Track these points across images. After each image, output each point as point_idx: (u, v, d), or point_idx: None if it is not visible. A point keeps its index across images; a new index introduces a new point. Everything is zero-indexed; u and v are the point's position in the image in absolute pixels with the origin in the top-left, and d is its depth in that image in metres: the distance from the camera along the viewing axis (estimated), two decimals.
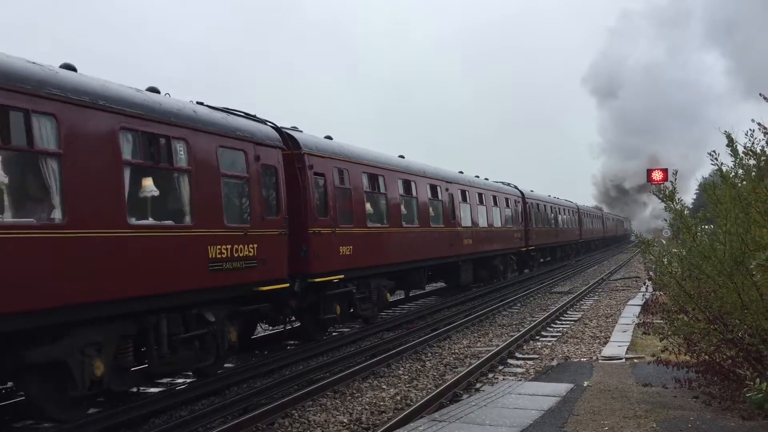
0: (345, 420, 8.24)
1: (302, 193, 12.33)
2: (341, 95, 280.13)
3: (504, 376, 10.54)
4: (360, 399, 9.25)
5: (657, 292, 13.49)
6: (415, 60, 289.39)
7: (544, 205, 35.56)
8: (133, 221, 8.30)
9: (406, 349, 12.38)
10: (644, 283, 22.16)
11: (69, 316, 7.32)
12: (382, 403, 9.00)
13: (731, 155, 6.63)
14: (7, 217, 6.97)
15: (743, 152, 6.64)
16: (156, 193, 8.93)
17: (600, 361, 10.72)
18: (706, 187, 7.49)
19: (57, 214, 7.22)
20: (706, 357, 7.48)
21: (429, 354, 12.50)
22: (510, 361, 11.75)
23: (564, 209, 41.53)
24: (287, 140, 12.34)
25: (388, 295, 16.54)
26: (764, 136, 6.68)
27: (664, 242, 12.90)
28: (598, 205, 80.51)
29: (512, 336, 13.77)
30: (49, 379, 7.53)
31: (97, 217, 7.71)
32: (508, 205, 27.49)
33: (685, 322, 7.39)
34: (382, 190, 15.93)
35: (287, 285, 11.37)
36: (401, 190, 17.03)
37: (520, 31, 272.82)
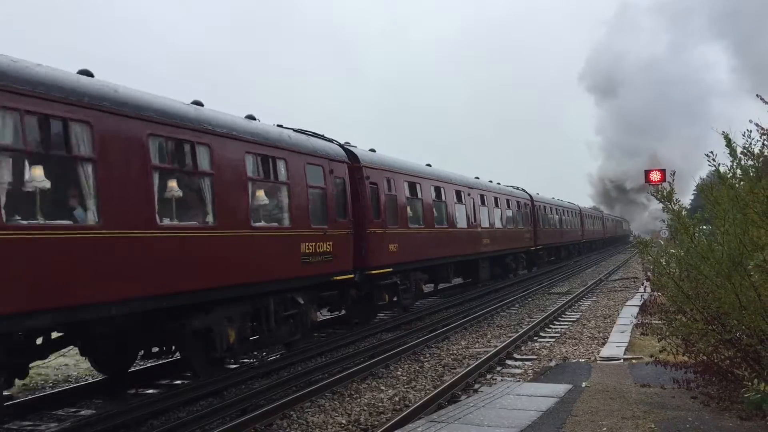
0: (343, 421, 8.23)
1: (361, 199, 14.57)
2: (340, 96, 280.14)
3: (502, 377, 10.55)
4: (358, 400, 9.25)
5: (655, 293, 13.51)
6: (414, 61, 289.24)
7: (551, 207, 37.56)
8: (254, 224, 10.61)
9: (404, 350, 12.38)
10: (642, 284, 22.19)
11: (214, 295, 9.62)
12: (380, 404, 8.99)
13: (729, 156, 6.63)
14: (183, 221, 9.36)
15: (741, 153, 6.64)
16: (267, 202, 11.31)
17: (598, 361, 10.73)
18: (703, 188, 7.50)
19: (210, 220, 9.67)
20: (704, 357, 7.49)
21: (427, 355, 12.50)
22: (508, 362, 11.75)
23: (568, 211, 43.37)
24: (349, 155, 14.59)
25: (423, 286, 18.94)
26: (761, 137, 6.69)
27: (662, 243, 12.91)
28: (596, 206, 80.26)
29: (511, 337, 13.77)
30: (199, 344, 9.77)
31: (233, 221, 10.08)
32: (519, 208, 29.61)
33: (684, 322, 7.39)
34: (419, 195, 18.27)
35: (352, 276, 13.79)
36: (433, 196, 19.30)
37: (518, 31, 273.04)
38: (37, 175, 7.10)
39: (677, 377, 7.92)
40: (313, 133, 14.05)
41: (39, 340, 8.41)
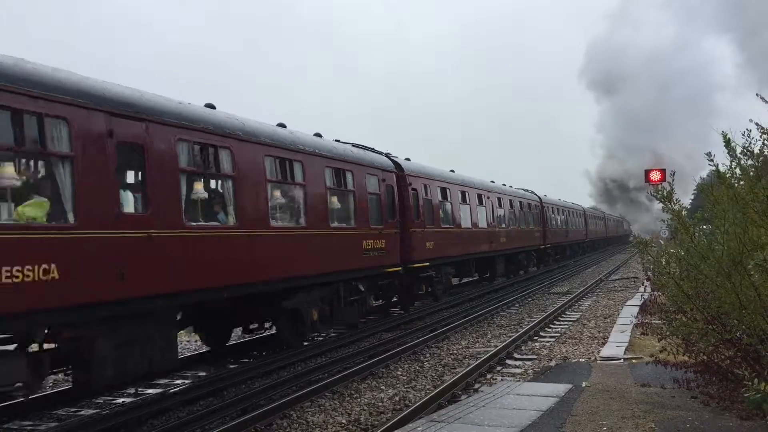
0: (343, 421, 8.23)
1: (405, 203, 17.05)
2: (340, 95, 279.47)
3: (502, 376, 10.54)
4: (358, 400, 9.25)
5: (655, 293, 13.51)
6: (413, 60, 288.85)
7: (558, 208, 39.93)
8: (331, 225, 13.02)
9: (404, 350, 12.38)
10: (642, 284, 22.20)
11: (301, 282, 11.93)
12: (380, 403, 8.99)
13: (729, 155, 6.63)
14: (282, 222, 11.68)
15: (740, 152, 6.64)
16: (340, 206, 13.69)
17: (598, 361, 10.73)
18: (703, 188, 7.50)
19: (303, 222, 12.10)
20: (705, 357, 7.50)
21: (427, 355, 12.50)
22: (508, 361, 11.75)
23: (573, 212, 45.69)
24: (395, 165, 17.15)
25: (452, 279, 21.83)
26: (762, 136, 6.69)
27: (662, 243, 12.91)
28: (595, 205, 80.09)
29: (511, 336, 13.78)
30: (289, 321, 12.11)
31: (317, 223, 12.48)
32: (530, 209, 32.05)
33: (684, 322, 7.39)
34: (449, 199, 20.67)
35: (399, 268, 16.11)
36: (460, 199, 21.61)
37: (518, 30, 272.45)
38: (199, 189, 9.66)
39: (677, 377, 7.92)
40: (365, 146, 16.44)
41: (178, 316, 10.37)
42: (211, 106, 10.53)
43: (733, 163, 6.62)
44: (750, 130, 6.57)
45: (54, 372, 8.58)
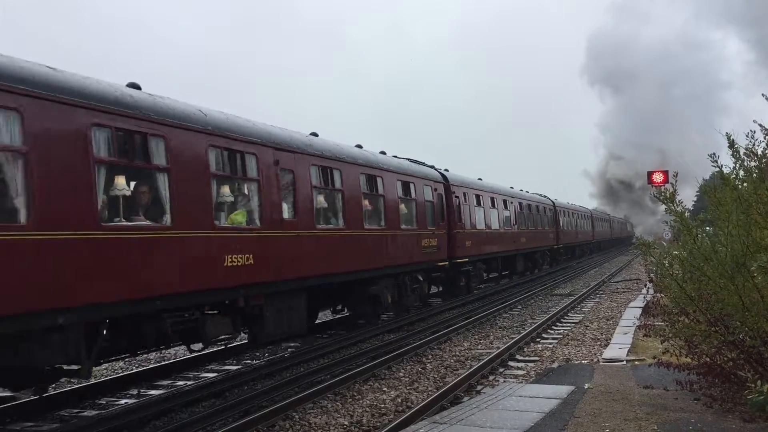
0: (345, 422, 8.23)
1: (450, 208, 20.32)
2: (339, 95, 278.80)
3: (505, 378, 10.53)
4: (361, 401, 9.25)
5: (658, 294, 13.48)
6: (415, 59, 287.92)
7: (568, 211, 43.51)
8: (401, 227, 16.32)
9: (406, 352, 12.37)
10: (645, 285, 22.16)
11: (382, 272, 15.12)
12: (382, 405, 8.99)
13: (732, 157, 6.63)
14: (370, 225, 14.76)
15: (744, 153, 6.64)
16: (407, 212, 16.99)
17: (601, 363, 10.71)
18: (706, 189, 7.49)
19: (383, 223, 15.29)
20: (707, 359, 7.48)
21: (430, 356, 12.49)
22: (511, 363, 11.74)
23: (581, 214, 49.46)
24: (443, 177, 20.41)
25: (484, 274, 25.79)
26: (766, 137, 6.68)
27: (665, 244, 12.88)
28: (596, 207, 79.81)
29: (513, 338, 13.77)
30: (371, 302, 15.19)
31: (393, 225, 15.82)
32: (545, 212, 35.65)
33: (686, 324, 7.38)
34: (482, 204, 23.96)
35: (447, 263, 19.43)
36: (490, 204, 25.06)
37: (518, 27, 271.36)
38: (321, 201, 12.91)
39: (680, 379, 7.90)
40: (419, 161, 19.88)
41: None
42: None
43: (737, 164, 6.61)
44: (754, 132, 6.56)
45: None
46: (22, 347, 7.13)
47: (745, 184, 6.79)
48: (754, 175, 6.77)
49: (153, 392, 9.95)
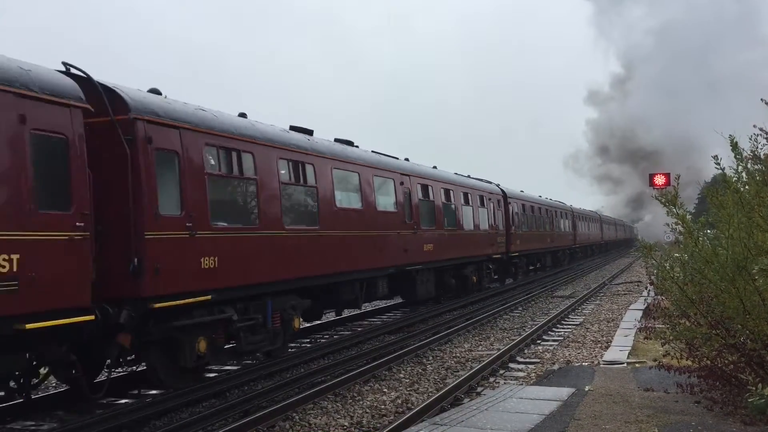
0: (346, 423, 8.23)
1: (507, 214, 27.25)
2: (338, 92, 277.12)
3: (505, 380, 10.52)
4: (361, 402, 9.24)
5: (659, 297, 13.47)
6: (414, 55, 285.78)
7: (583, 215, 51.01)
8: (481, 228, 23.55)
9: (407, 353, 12.37)
10: (646, 288, 22.14)
11: (471, 260, 22.50)
12: (383, 406, 8.98)
13: (735, 160, 6.62)
14: (468, 228, 22.61)
15: (747, 156, 6.63)
16: (486, 216, 24.06)
17: (601, 365, 10.70)
18: (708, 192, 7.48)
19: (472, 227, 22.91)
20: (708, 362, 7.47)
21: (430, 357, 12.49)
22: (511, 365, 11.73)
23: (592, 218, 56.98)
24: (502, 191, 27.50)
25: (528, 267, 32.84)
26: None
27: (666, 246, 12.87)
28: (595, 210, 79.83)
29: (513, 340, 13.75)
30: (462, 282, 21.94)
31: (477, 226, 23.10)
32: (566, 217, 42.71)
33: (687, 327, 7.38)
34: (526, 211, 31.16)
35: (500, 256, 25.78)
36: (531, 212, 32.21)
37: (518, 24, 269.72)
38: (448, 211, 19.68)
39: (681, 381, 7.89)
40: (482, 179, 26.76)
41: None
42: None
43: (740, 167, 6.60)
44: (757, 135, 6.56)
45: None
46: (336, 292, 13.99)
47: (747, 187, 6.78)
48: (757, 178, 6.76)
49: (153, 392, 9.95)
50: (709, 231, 7.69)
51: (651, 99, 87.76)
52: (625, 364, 10.54)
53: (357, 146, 15.70)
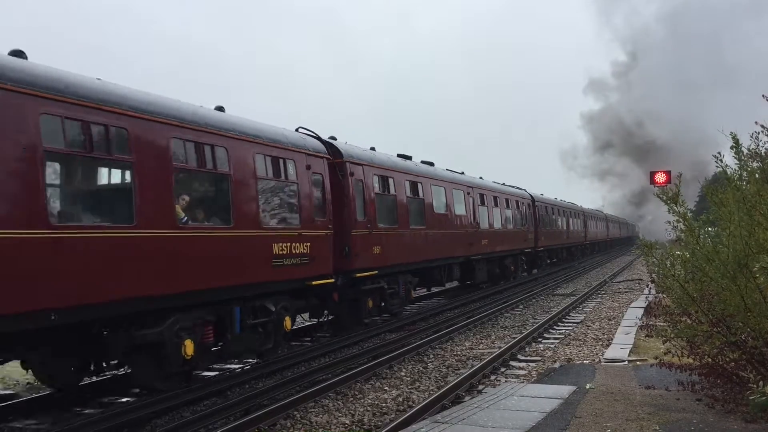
0: (347, 421, 8.23)
1: (536, 216, 31.85)
2: (337, 89, 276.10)
3: (506, 378, 10.53)
4: (362, 400, 9.25)
5: (660, 295, 13.47)
6: (415, 54, 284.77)
7: (592, 215, 56.92)
8: (508, 227, 27.36)
9: (408, 351, 12.37)
10: (647, 286, 22.14)
11: (509, 252, 27.36)
12: (384, 404, 8.99)
13: (736, 157, 6.61)
14: (507, 226, 27.89)
15: (747, 154, 6.62)
16: (517, 217, 28.92)
17: (602, 363, 10.71)
18: (708, 190, 7.47)
19: (510, 226, 27.81)
20: (709, 360, 7.47)
21: (431, 356, 12.49)
22: (512, 363, 11.73)
23: (599, 217, 62.26)
24: (531, 196, 32.15)
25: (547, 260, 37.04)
26: None
27: (667, 244, 12.86)
28: (597, 208, 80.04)
29: (515, 338, 13.76)
30: (503, 270, 26.85)
31: (507, 225, 27.38)
32: (578, 217, 47.93)
33: (688, 324, 7.37)
34: (551, 213, 36.76)
35: (530, 250, 30.43)
36: (552, 213, 37.28)
37: (518, 21, 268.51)
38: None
39: (682, 379, 7.89)
40: (513, 185, 30.86)
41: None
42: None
43: (741, 164, 6.59)
44: (758, 133, 6.55)
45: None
46: (430, 273, 18.77)
47: (747, 185, 6.77)
48: (757, 175, 6.76)
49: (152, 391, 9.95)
50: (710, 229, 7.69)
51: (658, 88, 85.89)
52: (626, 362, 10.55)
53: (433, 163, 20.76)
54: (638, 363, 10.34)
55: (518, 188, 31.38)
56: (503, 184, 29.58)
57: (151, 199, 8.56)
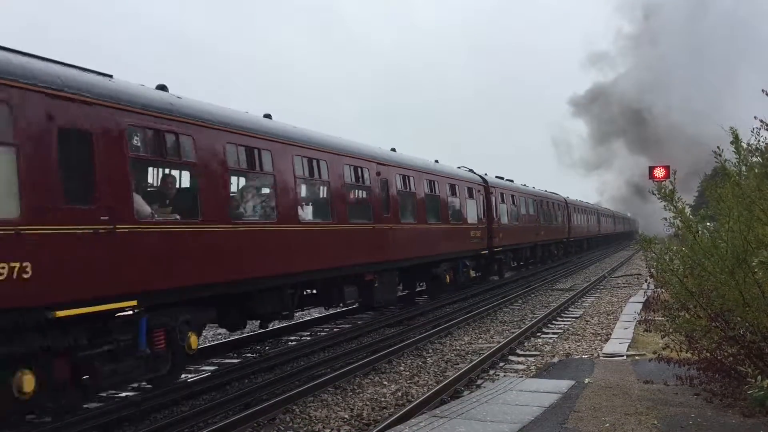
0: (346, 416, 8.25)
1: (569, 216, 42.18)
2: (337, 87, 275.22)
3: (505, 372, 10.56)
4: (361, 395, 9.27)
5: (658, 290, 13.49)
6: (415, 50, 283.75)
7: (604, 211, 66.54)
8: (529, 222, 32.13)
9: (407, 346, 12.39)
10: (646, 281, 22.17)
11: (530, 245, 32.41)
12: (383, 398, 9.01)
13: (735, 152, 6.61)
14: (547, 223, 36.50)
15: (747, 149, 6.62)
16: (553, 214, 37.10)
17: (601, 358, 10.73)
18: (706, 186, 7.48)
19: (539, 222, 34.82)
20: (708, 354, 7.48)
21: (430, 350, 12.51)
22: (511, 357, 11.76)
23: (606, 213, 68.29)
24: (565, 200, 42.09)
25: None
26: None
27: (665, 239, 12.88)
28: (600, 201, 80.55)
29: (513, 333, 13.78)
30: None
31: (533, 221, 32.15)
32: (591, 213, 54.01)
33: (687, 319, 7.38)
34: (577, 211, 45.40)
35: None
36: (577, 211, 44.76)
37: (517, 18, 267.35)
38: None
39: (680, 374, 7.91)
40: (550, 191, 37.67)
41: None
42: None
43: (740, 160, 6.59)
44: (759, 128, 6.54)
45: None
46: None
47: (747, 180, 6.77)
48: (756, 170, 6.76)
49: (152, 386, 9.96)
50: (709, 224, 7.69)
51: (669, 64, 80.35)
52: (624, 357, 10.57)
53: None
54: (637, 357, 10.36)
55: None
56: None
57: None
